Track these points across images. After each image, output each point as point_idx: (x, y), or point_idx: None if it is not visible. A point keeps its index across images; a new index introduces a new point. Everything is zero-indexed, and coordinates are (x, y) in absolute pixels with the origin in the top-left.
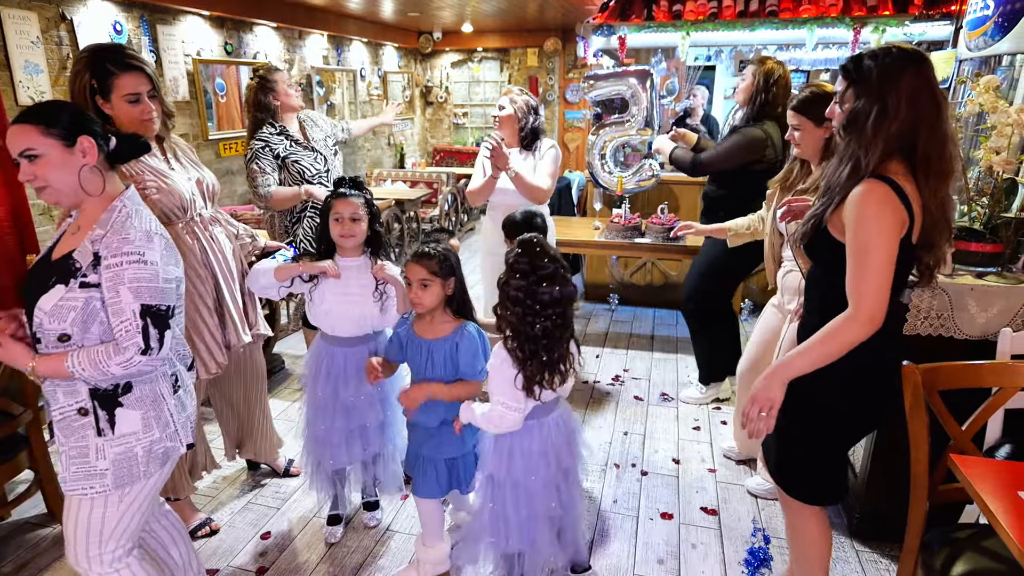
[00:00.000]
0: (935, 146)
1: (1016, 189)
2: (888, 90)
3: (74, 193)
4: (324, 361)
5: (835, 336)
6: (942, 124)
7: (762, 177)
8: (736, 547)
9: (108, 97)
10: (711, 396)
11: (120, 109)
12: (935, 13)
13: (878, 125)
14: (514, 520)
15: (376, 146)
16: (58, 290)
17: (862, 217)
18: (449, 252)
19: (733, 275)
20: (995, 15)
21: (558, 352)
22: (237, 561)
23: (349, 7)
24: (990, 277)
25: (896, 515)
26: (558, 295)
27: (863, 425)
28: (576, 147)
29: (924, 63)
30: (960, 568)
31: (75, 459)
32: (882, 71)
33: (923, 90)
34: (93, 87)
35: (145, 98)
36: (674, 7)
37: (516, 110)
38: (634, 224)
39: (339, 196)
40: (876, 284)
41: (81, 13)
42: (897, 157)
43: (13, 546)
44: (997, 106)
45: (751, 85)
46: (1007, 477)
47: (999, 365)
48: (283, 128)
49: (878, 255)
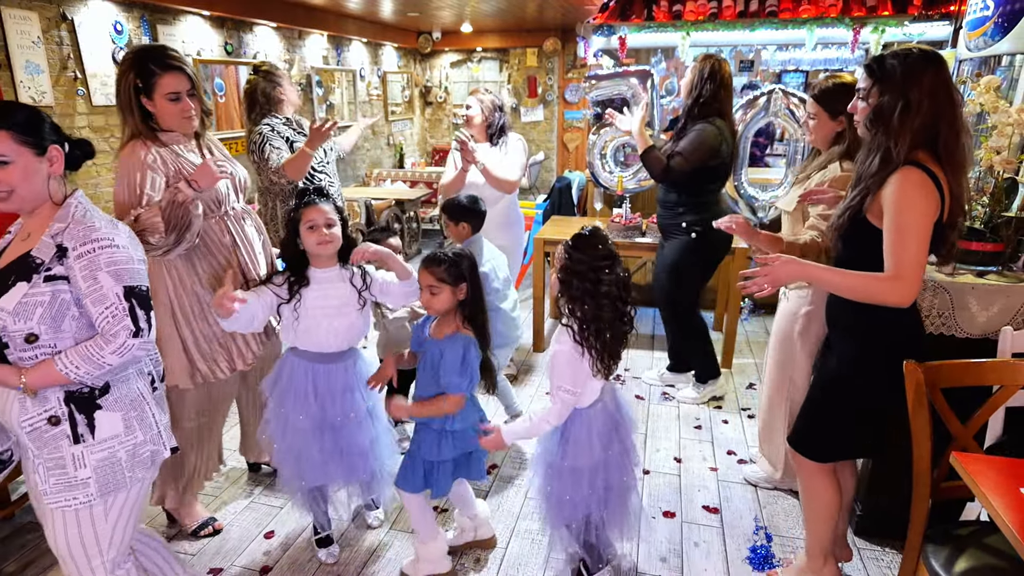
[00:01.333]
0: (953, 138)
1: (1016, 188)
2: (911, 87)
3: (36, 200)
4: (306, 380)
5: (870, 285)
6: (958, 119)
7: (717, 175)
8: (738, 545)
9: (151, 96)
10: (708, 395)
11: (162, 107)
12: (934, 13)
13: (903, 119)
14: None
15: (376, 146)
16: (20, 287)
17: (902, 202)
18: (462, 257)
19: (695, 276)
20: (995, 15)
21: (620, 332)
22: (241, 560)
23: (349, 7)
24: (991, 276)
25: (898, 512)
26: (619, 278)
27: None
28: (576, 147)
29: (942, 63)
30: (962, 565)
31: (52, 471)
32: (905, 69)
33: (941, 88)
34: (138, 86)
35: (185, 96)
36: (674, 7)
37: (483, 108)
38: (635, 224)
39: (309, 204)
40: (915, 261)
41: (82, 13)
42: (923, 148)
43: (16, 545)
44: (998, 106)
45: (690, 81)
46: (1009, 474)
47: (1000, 363)
48: (287, 119)
49: (917, 237)
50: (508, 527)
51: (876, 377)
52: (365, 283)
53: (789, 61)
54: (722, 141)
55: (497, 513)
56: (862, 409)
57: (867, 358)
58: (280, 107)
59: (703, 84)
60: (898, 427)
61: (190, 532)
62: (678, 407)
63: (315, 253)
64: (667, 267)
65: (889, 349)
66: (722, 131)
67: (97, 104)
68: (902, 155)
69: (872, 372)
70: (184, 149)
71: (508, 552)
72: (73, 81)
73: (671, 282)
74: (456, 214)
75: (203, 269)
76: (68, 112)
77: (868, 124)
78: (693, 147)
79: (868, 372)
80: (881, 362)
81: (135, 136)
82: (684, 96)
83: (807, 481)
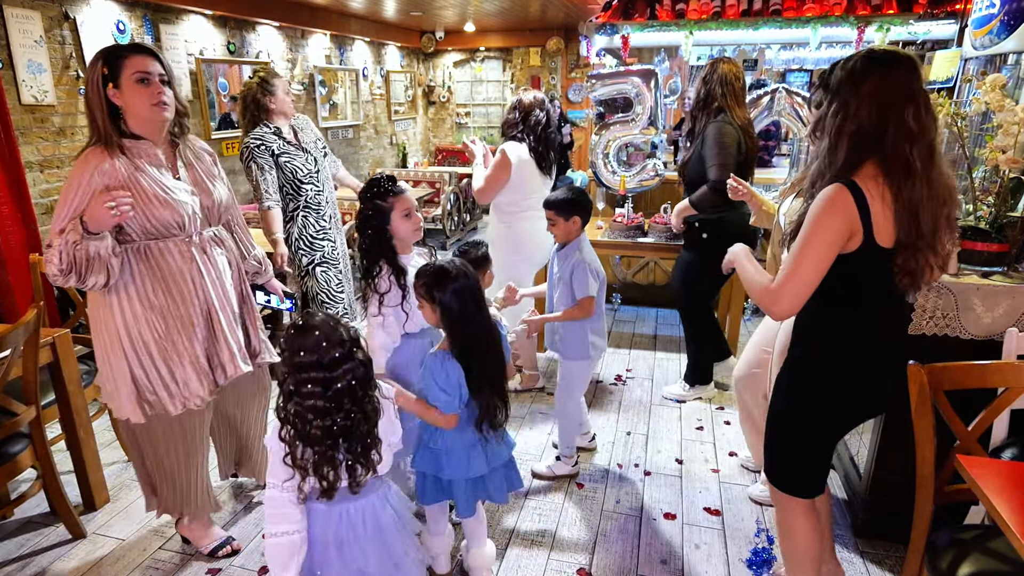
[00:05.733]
0: (900, 143)
1: (1022, 188)
2: (849, 93)
3: None
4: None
5: (754, 285)
6: (909, 121)
7: (740, 171)
8: (739, 547)
9: (118, 82)
10: (692, 396)
11: (130, 93)
12: (940, 12)
13: (837, 126)
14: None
15: (378, 145)
16: None
17: (811, 215)
18: (445, 273)
19: (707, 281)
20: (1001, 13)
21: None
22: (239, 560)
23: (352, 7)
24: (996, 276)
25: (901, 515)
26: (349, 381)
27: (850, 420)
28: (579, 146)
29: (894, 65)
30: (966, 569)
31: None
32: (845, 76)
33: (888, 91)
34: (104, 75)
35: (156, 80)
36: (677, 6)
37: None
38: (637, 223)
39: (398, 193)
40: (800, 280)
41: (84, 12)
42: (874, 159)
43: (16, 544)
44: (1003, 104)
45: (696, 88)
46: (1013, 478)
47: (1005, 365)
48: (277, 128)
49: (811, 254)
50: (508, 530)
51: (806, 391)
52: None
53: (793, 60)
54: (738, 137)
55: (497, 515)
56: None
57: (798, 371)
58: (270, 116)
59: (704, 87)
60: (901, 429)
61: (207, 553)
62: (680, 408)
63: (409, 239)
64: (679, 268)
65: (817, 360)
66: (733, 125)
67: None
68: (837, 165)
69: (802, 386)
70: (147, 163)
71: (508, 555)
72: (75, 80)
73: (683, 284)
74: (567, 208)
75: (157, 298)
76: (70, 111)
77: (809, 131)
78: (717, 150)
79: (800, 386)
80: (808, 373)
81: (96, 142)
82: (692, 102)
83: (784, 517)
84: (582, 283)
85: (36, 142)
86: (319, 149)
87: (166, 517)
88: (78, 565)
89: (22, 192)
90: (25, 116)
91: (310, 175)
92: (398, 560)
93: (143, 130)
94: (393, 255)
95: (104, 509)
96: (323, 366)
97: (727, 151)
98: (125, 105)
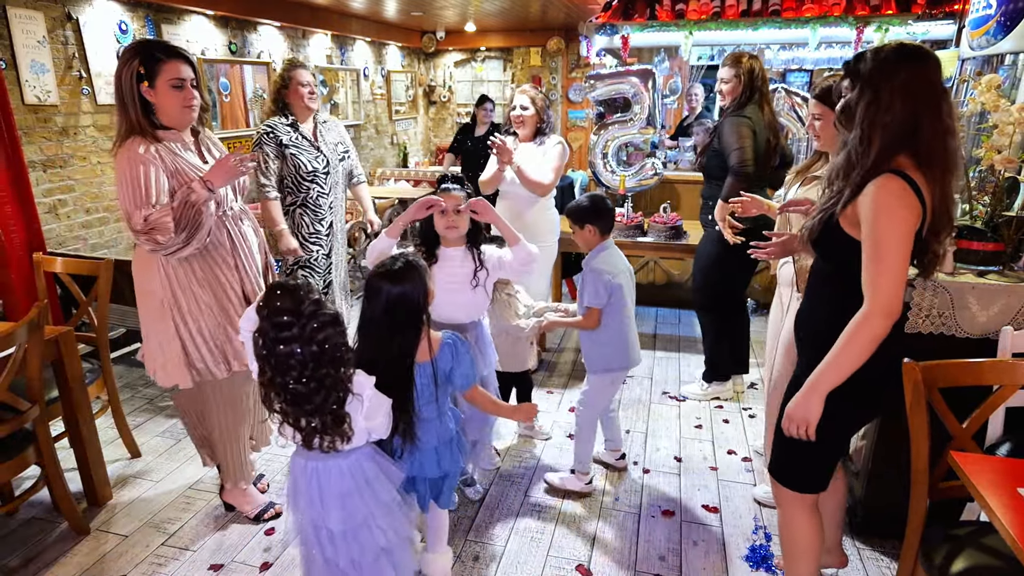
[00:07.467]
0: (937, 140)
1: (1018, 188)
2: (881, 82)
3: None
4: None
5: (856, 337)
6: (943, 119)
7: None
8: (737, 544)
9: (153, 83)
10: (712, 394)
11: (164, 95)
12: (938, 12)
13: (871, 114)
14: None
15: (379, 145)
16: None
17: (879, 212)
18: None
19: (735, 267)
20: (997, 14)
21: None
22: (241, 556)
23: (353, 7)
24: (991, 276)
25: (897, 512)
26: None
27: (858, 419)
28: (579, 146)
29: (925, 62)
30: (960, 565)
31: None
32: (876, 65)
33: (922, 86)
34: (140, 73)
35: (189, 85)
36: (677, 6)
37: (537, 108)
38: (637, 223)
39: (444, 191)
40: (894, 278)
41: (87, 13)
42: (904, 152)
43: (20, 541)
44: (999, 105)
45: (737, 85)
46: (1007, 474)
47: (1000, 363)
48: (294, 121)
49: (896, 250)
50: (507, 526)
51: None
52: (481, 262)
53: (792, 60)
54: (754, 129)
55: (497, 511)
56: (850, 431)
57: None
58: (291, 107)
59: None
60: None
61: (252, 518)
62: (679, 406)
63: (443, 236)
64: (698, 262)
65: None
66: (751, 118)
67: (102, 103)
68: (872, 155)
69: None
70: (181, 148)
71: (507, 550)
72: (78, 80)
73: (703, 278)
74: (579, 216)
75: (199, 267)
76: (73, 111)
77: (837, 119)
78: (735, 138)
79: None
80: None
81: (131, 133)
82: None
83: (786, 513)
84: (588, 292)
85: (39, 142)
86: (336, 153)
87: (170, 512)
88: (81, 561)
89: (25, 192)
90: (28, 116)
91: (316, 174)
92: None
93: (171, 123)
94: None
95: (107, 506)
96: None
97: (744, 138)
98: (158, 103)
